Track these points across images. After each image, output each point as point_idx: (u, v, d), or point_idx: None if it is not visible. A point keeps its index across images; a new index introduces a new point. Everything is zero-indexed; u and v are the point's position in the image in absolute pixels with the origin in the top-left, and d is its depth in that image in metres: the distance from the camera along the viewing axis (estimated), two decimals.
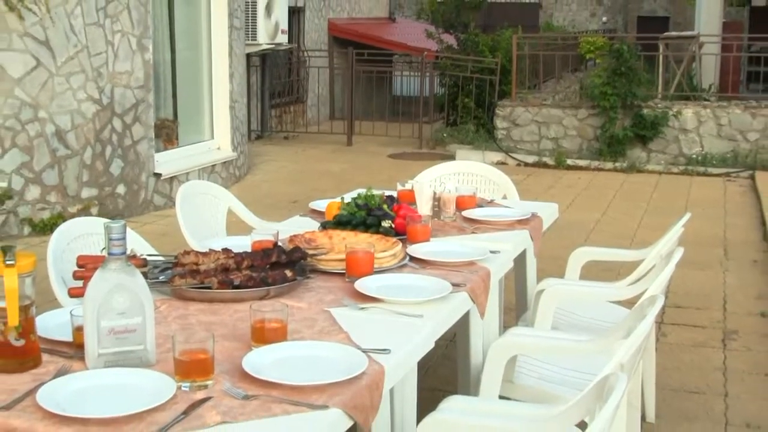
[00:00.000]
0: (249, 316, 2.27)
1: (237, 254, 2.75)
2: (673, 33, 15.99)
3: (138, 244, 3.22)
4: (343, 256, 2.88)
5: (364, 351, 2.19)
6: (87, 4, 7.20)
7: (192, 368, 1.98)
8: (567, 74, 15.58)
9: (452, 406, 2.40)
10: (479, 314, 2.98)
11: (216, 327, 2.38)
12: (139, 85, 7.83)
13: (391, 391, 2.37)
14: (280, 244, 2.95)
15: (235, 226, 4.30)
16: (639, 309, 2.70)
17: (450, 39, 14.56)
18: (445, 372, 4.08)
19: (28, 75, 6.85)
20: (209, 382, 1.99)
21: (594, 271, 4.29)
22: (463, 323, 3.06)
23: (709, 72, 12.62)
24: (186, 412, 1.86)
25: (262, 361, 2.10)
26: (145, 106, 7.92)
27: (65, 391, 1.93)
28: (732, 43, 12.94)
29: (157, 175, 8.14)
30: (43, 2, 6.83)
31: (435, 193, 3.76)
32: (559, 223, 4.71)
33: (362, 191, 3.62)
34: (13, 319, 2.04)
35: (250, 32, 11.22)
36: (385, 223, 3.31)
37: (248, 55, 11.36)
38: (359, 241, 3.08)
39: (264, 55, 12.94)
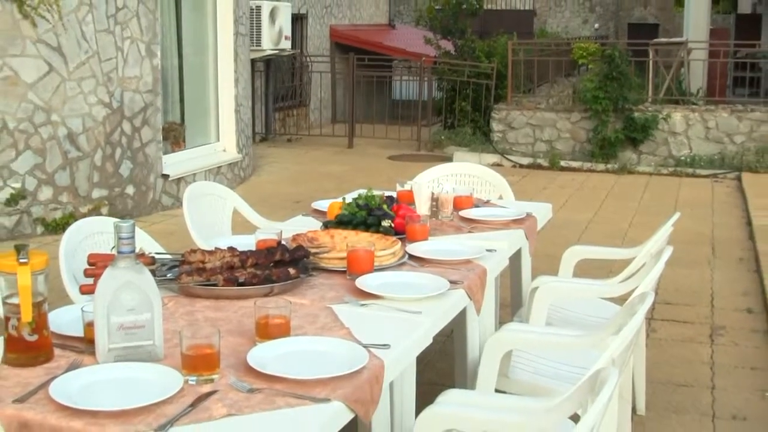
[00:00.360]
0: (253, 312, 2.27)
1: (242, 253, 2.75)
2: (663, 39, 16.00)
3: (146, 242, 3.22)
4: (344, 254, 2.88)
5: (365, 346, 2.19)
6: (98, 12, 7.20)
7: (198, 363, 1.98)
8: (560, 79, 15.57)
9: (450, 399, 2.39)
10: (476, 311, 2.98)
11: (221, 323, 2.38)
12: (148, 90, 7.83)
13: (391, 384, 2.37)
14: (283, 242, 2.95)
15: (240, 225, 4.29)
16: (630, 305, 2.70)
17: (448, 45, 14.54)
18: (442, 366, 4.08)
19: (41, 80, 6.84)
20: (215, 376, 1.99)
21: (586, 269, 4.29)
22: (460, 319, 3.06)
23: (697, 77, 12.62)
24: (193, 405, 1.86)
25: (266, 355, 2.10)
26: (153, 109, 7.92)
27: (76, 385, 1.93)
28: (719, 49, 12.93)
29: (165, 176, 8.14)
30: (55, 10, 6.83)
31: (433, 194, 3.76)
32: (553, 222, 4.71)
33: (363, 192, 3.62)
34: (27, 315, 2.04)
35: (254, 38, 11.22)
36: (385, 223, 3.31)
37: (253, 61, 11.36)
38: (360, 240, 3.08)
39: (268, 61, 12.93)
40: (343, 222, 3.37)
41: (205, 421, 1.80)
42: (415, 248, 3.15)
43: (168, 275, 2.68)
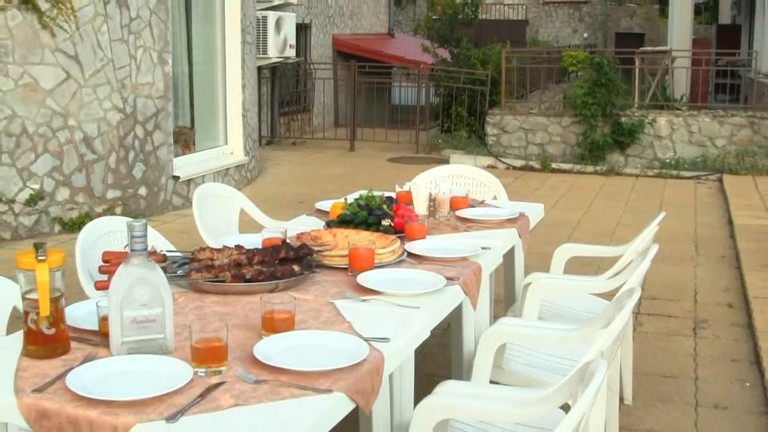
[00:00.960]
0: (260, 307, 2.27)
1: (249, 250, 2.75)
2: (648, 48, 15.98)
3: (158, 241, 3.21)
4: (346, 252, 2.87)
5: (366, 339, 2.18)
6: (112, 22, 7.19)
7: (207, 355, 1.98)
8: (552, 85, 15.57)
9: (447, 390, 2.39)
10: (471, 306, 2.97)
11: (229, 317, 2.38)
12: (160, 96, 7.82)
13: (391, 376, 2.37)
14: (288, 241, 2.95)
15: (247, 224, 4.29)
16: (618, 301, 2.70)
17: (444, 53, 14.55)
18: (440, 359, 4.07)
19: (59, 87, 6.84)
20: (223, 368, 1.99)
21: (576, 266, 4.29)
22: (457, 314, 3.06)
23: (680, 83, 12.63)
24: (202, 396, 1.85)
25: (271, 348, 2.09)
26: (164, 114, 7.91)
27: (92, 376, 1.93)
28: (701, 57, 12.95)
29: (176, 178, 8.13)
30: (73, 20, 6.83)
31: (431, 194, 3.75)
32: (544, 221, 4.70)
33: (364, 192, 3.61)
34: (45, 309, 2.04)
35: (261, 47, 11.21)
36: (385, 222, 3.30)
37: (259, 68, 11.35)
38: (361, 238, 3.07)
39: (274, 68, 12.93)
40: (344, 221, 3.36)
41: (213, 411, 1.80)
42: (414, 246, 3.15)
43: (178, 272, 2.67)
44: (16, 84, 6.61)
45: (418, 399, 2.30)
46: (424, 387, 2.54)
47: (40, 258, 2.01)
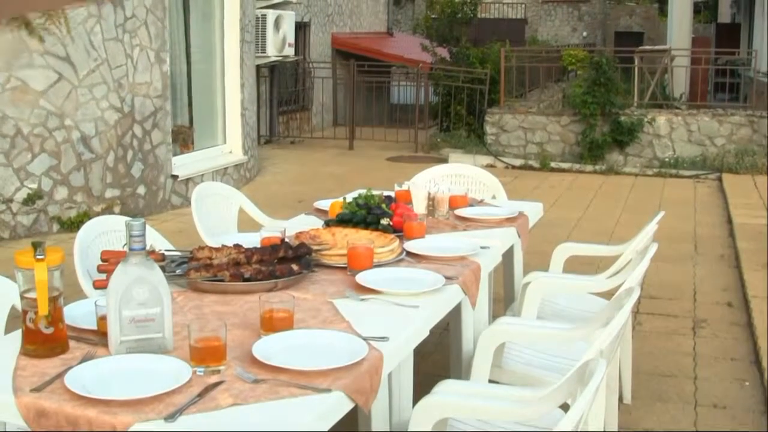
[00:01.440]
0: (258, 306, 2.27)
1: (247, 249, 2.75)
2: (647, 47, 15.99)
3: (156, 240, 3.21)
4: (345, 251, 2.87)
5: (365, 339, 2.18)
6: (106, 22, 7.18)
7: (206, 354, 1.98)
8: (551, 84, 15.58)
9: (445, 389, 2.39)
10: (470, 305, 2.97)
11: (228, 316, 2.38)
12: (158, 95, 7.82)
13: (390, 375, 2.37)
14: (287, 240, 2.95)
15: (246, 223, 4.29)
16: (617, 300, 2.70)
17: (443, 52, 14.55)
18: (439, 358, 4.07)
19: (52, 87, 6.82)
20: (222, 367, 1.99)
21: (575, 265, 4.29)
22: (456, 313, 3.06)
23: (680, 82, 12.63)
24: (201, 395, 1.86)
25: (270, 347, 2.09)
26: (163, 113, 7.91)
27: (90, 375, 1.93)
28: (700, 56, 12.96)
29: (174, 177, 8.13)
30: (63, 24, 6.78)
31: (429, 194, 3.75)
32: (543, 221, 4.70)
33: (363, 191, 3.61)
34: (44, 308, 2.04)
35: (259, 45, 11.21)
36: (384, 221, 3.30)
37: (258, 67, 11.34)
38: (360, 237, 3.07)
39: (272, 67, 12.92)
40: (343, 220, 3.36)
41: (212, 410, 1.80)
42: (413, 245, 3.15)
43: (177, 271, 2.67)
44: (3, 88, 6.58)
45: (417, 398, 2.31)
46: (423, 386, 2.54)
47: (38, 257, 2.01)
